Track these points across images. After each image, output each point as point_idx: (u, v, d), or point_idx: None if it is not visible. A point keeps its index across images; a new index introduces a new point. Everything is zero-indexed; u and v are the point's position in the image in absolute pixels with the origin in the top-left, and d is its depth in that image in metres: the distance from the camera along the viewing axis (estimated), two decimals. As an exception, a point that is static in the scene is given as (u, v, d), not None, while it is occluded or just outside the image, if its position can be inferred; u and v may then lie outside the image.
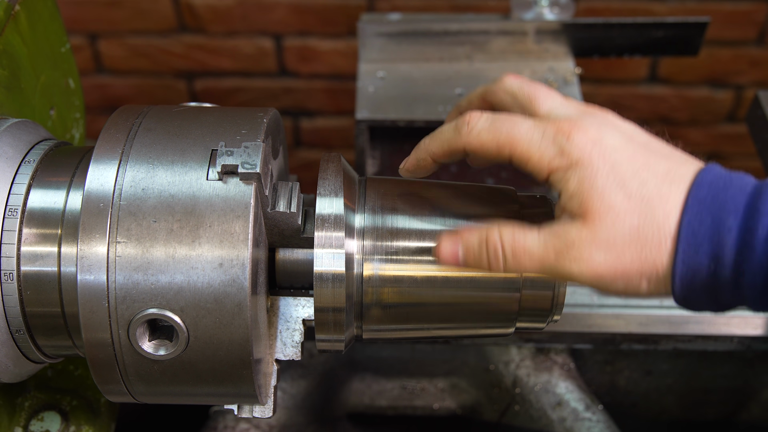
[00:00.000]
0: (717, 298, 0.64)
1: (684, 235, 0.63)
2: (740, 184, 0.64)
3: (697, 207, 0.63)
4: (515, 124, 0.69)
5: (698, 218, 0.63)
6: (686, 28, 1.29)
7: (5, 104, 0.82)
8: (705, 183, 0.64)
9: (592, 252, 0.65)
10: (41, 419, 0.87)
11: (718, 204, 0.63)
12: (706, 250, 0.63)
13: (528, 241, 0.67)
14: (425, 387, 1.21)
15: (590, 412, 1.12)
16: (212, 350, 0.68)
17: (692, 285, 0.64)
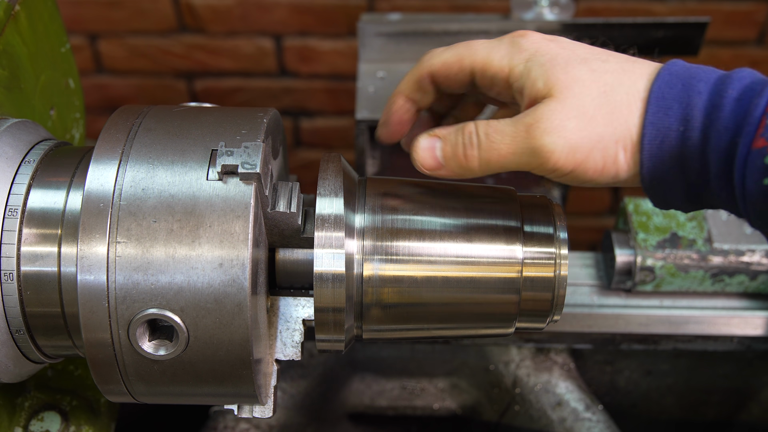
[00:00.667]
0: (684, 170, 0.64)
1: (654, 97, 0.64)
2: (706, 71, 0.65)
3: (668, 76, 0.65)
4: (473, 42, 0.73)
5: (668, 84, 0.64)
6: (686, 28, 1.29)
7: (5, 104, 0.82)
8: (674, 63, 0.67)
9: (563, 120, 0.65)
10: (41, 419, 0.87)
11: (689, 74, 0.65)
12: (675, 112, 0.63)
13: (501, 124, 0.68)
14: (425, 387, 1.21)
15: (590, 412, 1.12)
16: (212, 350, 0.68)
17: (661, 152, 0.64)
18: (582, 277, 1.14)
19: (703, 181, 0.64)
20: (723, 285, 1.09)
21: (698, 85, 0.64)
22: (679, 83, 0.64)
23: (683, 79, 0.64)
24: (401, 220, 0.75)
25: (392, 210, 0.76)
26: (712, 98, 0.63)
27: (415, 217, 0.76)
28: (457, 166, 0.72)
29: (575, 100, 0.65)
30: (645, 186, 0.67)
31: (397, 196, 0.77)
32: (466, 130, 0.70)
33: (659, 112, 0.64)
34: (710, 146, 0.62)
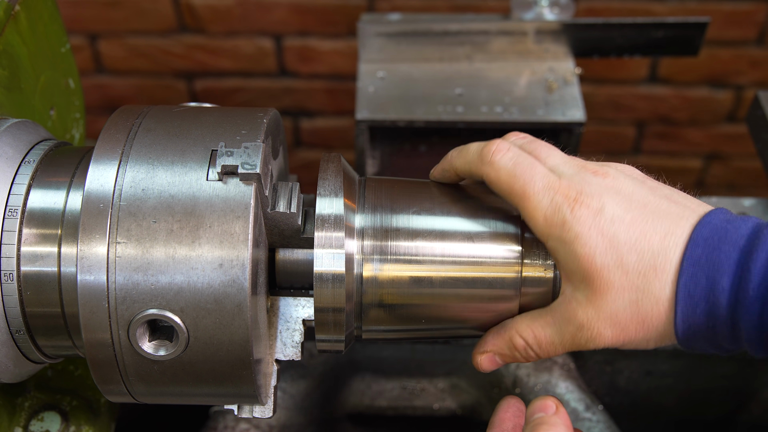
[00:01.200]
0: (720, 347, 0.68)
1: (681, 297, 0.66)
2: (734, 239, 0.66)
3: (692, 269, 0.66)
4: (532, 178, 0.71)
5: (693, 280, 0.66)
6: (686, 29, 1.29)
7: (5, 104, 0.82)
8: (700, 241, 0.67)
9: (600, 329, 0.70)
10: (41, 419, 0.87)
11: (712, 264, 0.65)
12: (702, 309, 0.66)
13: (547, 334, 0.74)
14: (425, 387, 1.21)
15: (590, 412, 1.12)
16: (212, 351, 0.68)
17: (695, 338, 0.68)
18: (582, 277, 1.13)
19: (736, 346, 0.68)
20: (723, 285, 1.09)
21: (722, 281, 0.65)
22: (703, 279, 0.66)
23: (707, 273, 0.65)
24: (401, 220, 0.75)
25: (392, 210, 0.76)
26: (734, 295, 0.64)
27: (415, 217, 0.76)
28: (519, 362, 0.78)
29: (609, 308, 0.69)
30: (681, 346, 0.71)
31: (397, 196, 0.77)
32: (518, 346, 0.75)
33: (687, 311, 0.66)
34: (742, 335, 0.65)
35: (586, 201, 0.69)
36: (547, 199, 0.70)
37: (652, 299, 0.68)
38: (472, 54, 1.31)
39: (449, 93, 1.26)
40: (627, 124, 2.28)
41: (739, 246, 0.65)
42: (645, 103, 2.21)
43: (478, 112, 1.23)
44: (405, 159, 1.31)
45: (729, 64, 2.11)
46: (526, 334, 0.74)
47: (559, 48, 1.31)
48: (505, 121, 1.22)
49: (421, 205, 0.77)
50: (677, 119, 2.25)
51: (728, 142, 2.30)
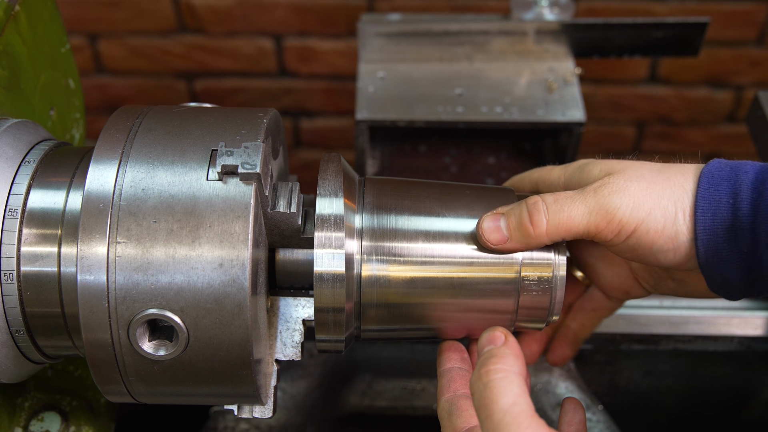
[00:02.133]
0: (737, 242, 0.67)
1: (704, 177, 0.69)
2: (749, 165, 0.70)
3: (716, 162, 0.71)
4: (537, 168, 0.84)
5: (717, 167, 0.70)
6: (686, 29, 1.29)
7: (5, 104, 0.82)
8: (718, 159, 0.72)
9: (626, 182, 0.71)
10: (41, 419, 0.87)
11: (736, 163, 0.70)
12: (725, 187, 0.68)
13: (566, 192, 0.73)
14: (425, 387, 1.21)
15: (590, 412, 1.12)
16: (212, 350, 0.68)
17: (713, 224, 0.68)
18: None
19: (756, 253, 0.67)
20: (723, 285, 1.09)
21: (744, 167, 0.69)
22: (728, 167, 0.70)
23: (731, 165, 0.70)
24: (401, 220, 0.75)
25: (392, 210, 0.76)
26: (758, 174, 0.68)
27: (414, 217, 0.76)
28: (523, 235, 0.73)
29: (634, 171, 0.71)
30: (701, 262, 0.70)
31: (397, 196, 0.77)
32: (530, 200, 0.74)
33: (710, 187, 0.69)
34: (759, 216, 0.66)
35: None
36: (561, 166, 0.80)
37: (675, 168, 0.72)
38: (472, 54, 1.31)
39: (449, 93, 1.26)
40: (627, 124, 2.28)
41: (759, 163, 0.70)
42: (645, 104, 2.21)
43: (478, 112, 1.23)
44: (405, 159, 1.31)
45: (729, 64, 2.11)
46: (546, 195, 0.74)
47: (559, 48, 1.31)
48: (505, 121, 1.22)
49: (421, 204, 0.77)
50: (677, 119, 2.25)
51: (728, 142, 2.30)
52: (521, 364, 0.68)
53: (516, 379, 0.65)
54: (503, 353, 0.68)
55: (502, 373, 0.65)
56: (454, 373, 0.75)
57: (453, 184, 0.81)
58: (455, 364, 0.77)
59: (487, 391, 0.64)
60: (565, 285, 0.76)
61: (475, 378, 0.67)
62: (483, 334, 0.72)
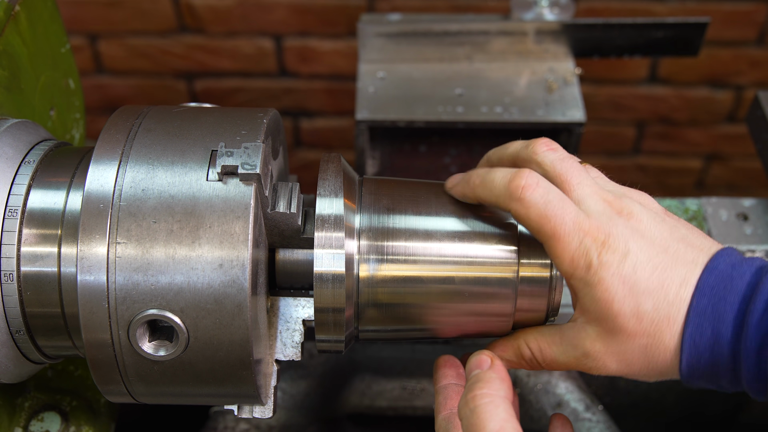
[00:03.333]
0: (722, 387, 0.69)
1: (687, 346, 0.68)
2: (738, 286, 0.67)
3: (698, 319, 0.67)
4: (563, 219, 0.70)
5: (699, 330, 0.67)
6: (686, 29, 1.29)
7: (5, 104, 0.82)
8: (707, 290, 0.68)
9: (606, 362, 0.71)
10: (41, 419, 0.87)
11: (717, 316, 0.67)
12: (707, 359, 0.67)
13: (553, 352, 0.74)
14: (425, 387, 1.21)
15: (590, 412, 1.12)
16: (212, 351, 0.68)
17: (698, 381, 0.69)
18: (582, 277, 1.13)
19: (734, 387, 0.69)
20: (723, 285, 1.09)
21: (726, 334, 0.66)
22: (709, 329, 0.67)
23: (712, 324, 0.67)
24: (401, 220, 0.75)
25: (392, 210, 0.76)
26: (734, 347, 0.66)
27: (415, 217, 0.76)
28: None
29: (618, 347, 0.70)
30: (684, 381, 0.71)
31: (397, 196, 0.77)
32: (525, 357, 0.76)
33: (692, 360, 0.67)
34: (744, 384, 0.66)
35: (613, 245, 0.69)
36: (576, 241, 0.69)
37: (662, 347, 0.69)
38: (472, 54, 1.31)
39: (449, 93, 1.26)
40: (627, 124, 2.28)
41: (741, 295, 0.66)
42: (645, 104, 2.21)
43: (478, 112, 1.23)
44: (405, 159, 1.31)
45: (729, 64, 2.11)
46: (534, 345, 0.75)
47: (559, 48, 1.31)
48: (505, 122, 1.22)
49: (418, 204, 0.77)
50: (677, 119, 2.25)
51: (728, 143, 2.30)
52: (507, 387, 0.69)
53: (502, 403, 0.66)
54: (489, 377, 0.70)
55: (488, 398, 0.67)
56: (450, 390, 0.76)
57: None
58: (451, 380, 0.77)
59: (474, 416, 0.66)
60: (563, 285, 0.76)
61: (462, 404, 0.69)
62: (470, 357, 0.74)
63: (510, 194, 0.71)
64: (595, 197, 0.72)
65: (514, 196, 0.71)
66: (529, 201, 0.70)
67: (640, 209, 0.72)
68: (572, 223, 0.70)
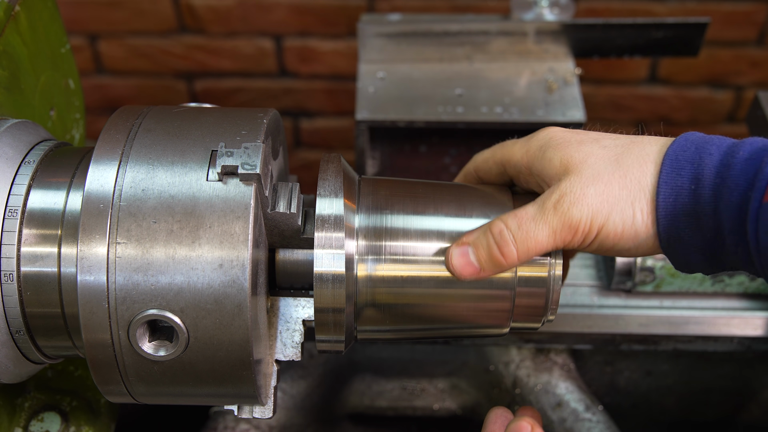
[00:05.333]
0: (699, 228, 0.67)
1: (668, 159, 0.68)
2: (718, 142, 0.69)
3: (683, 141, 0.69)
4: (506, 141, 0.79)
5: (683, 147, 0.68)
6: (686, 29, 1.29)
7: (5, 105, 0.82)
8: (691, 133, 0.70)
9: (583, 188, 0.70)
10: (41, 420, 0.87)
11: (704, 140, 0.68)
12: (687, 171, 0.67)
13: (527, 211, 0.71)
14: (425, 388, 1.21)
15: (590, 412, 1.12)
16: (212, 351, 0.68)
17: (675, 210, 0.67)
18: (582, 277, 1.14)
19: (718, 238, 0.67)
20: (723, 285, 1.09)
21: (710, 148, 0.67)
22: (693, 146, 0.68)
23: (697, 144, 0.68)
24: (401, 220, 0.75)
25: (392, 210, 0.76)
26: (723, 158, 0.66)
27: (415, 217, 0.76)
28: (496, 265, 0.72)
29: (590, 169, 0.70)
30: (663, 246, 0.70)
31: (397, 196, 0.77)
32: (495, 229, 0.72)
33: (672, 172, 0.68)
34: (722, 203, 0.65)
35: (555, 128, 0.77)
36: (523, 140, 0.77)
37: (633, 155, 0.70)
38: (472, 54, 1.31)
39: (449, 93, 1.26)
40: (627, 124, 2.28)
41: (728, 140, 0.68)
42: (645, 104, 2.21)
43: (478, 112, 1.23)
44: (405, 159, 1.31)
45: (729, 64, 2.11)
46: (506, 216, 0.72)
47: (559, 48, 1.31)
48: (505, 122, 1.22)
49: (417, 205, 0.77)
50: (677, 119, 2.25)
51: (728, 143, 2.30)
52: None
53: None
54: None
55: None
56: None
57: (450, 184, 0.81)
58: None
59: None
60: (561, 284, 0.76)
61: None
62: (510, 424, 0.72)
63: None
64: None
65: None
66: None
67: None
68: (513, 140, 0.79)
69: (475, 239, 0.73)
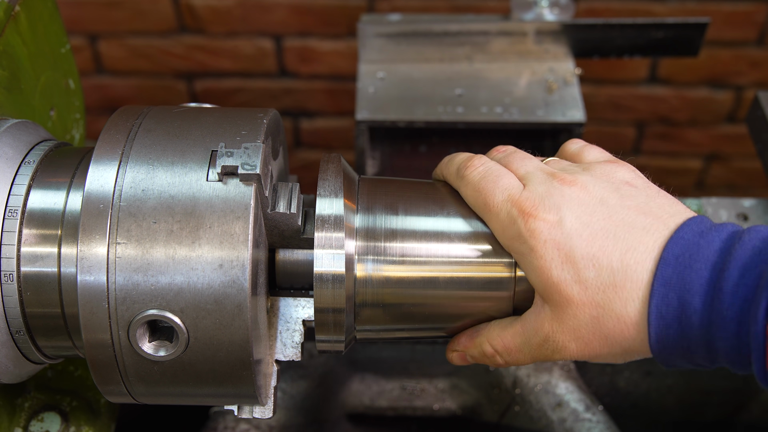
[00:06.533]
0: (699, 364, 0.66)
1: (653, 318, 0.64)
2: (707, 254, 0.62)
3: (663, 289, 0.63)
4: (493, 191, 0.71)
5: (665, 301, 0.63)
6: (686, 29, 1.29)
7: (5, 105, 0.82)
8: (671, 259, 0.64)
9: (564, 342, 0.69)
10: (41, 420, 0.87)
11: (683, 284, 0.62)
12: (675, 330, 0.63)
13: (515, 343, 0.73)
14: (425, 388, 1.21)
15: (590, 412, 1.12)
16: (212, 351, 0.68)
17: (671, 357, 0.65)
18: (582, 277, 1.13)
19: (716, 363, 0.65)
20: (723, 285, 1.09)
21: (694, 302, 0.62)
22: (675, 299, 0.63)
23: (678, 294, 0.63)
24: (401, 220, 0.75)
25: (392, 210, 0.76)
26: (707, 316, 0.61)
27: (413, 217, 0.76)
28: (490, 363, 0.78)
29: (570, 322, 0.68)
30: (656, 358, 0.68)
31: (397, 196, 0.77)
32: (487, 353, 0.75)
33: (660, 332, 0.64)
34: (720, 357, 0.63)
35: (542, 214, 0.67)
36: (504, 212, 0.70)
37: (614, 316, 0.65)
38: (472, 54, 1.31)
39: (449, 93, 1.26)
40: (627, 124, 2.28)
41: (711, 262, 0.62)
42: (645, 104, 2.21)
43: (478, 112, 1.23)
44: (405, 159, 1.31)
45: (729, 64, 2.11)
46: (496, 342, 0.75)
47: (559, 48, 1.31)
48: (505, 122, 1.22)
49: (417, 205, 0.77)
50: (677, 120, 2.25)
51: (728, 143, 2.30)
52: None
53: None
54: None
55: None
56: None
57: (447, 184, 0.81)
58: None
59: None
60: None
61: None
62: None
63: (458, 173, 0.75)
64: (538, 172, 0.71)
65: (459, 175, 0.75)
66: (468, 178, 0.73)
67: (589, 179, 0.70)
68: (503, 195, 0.70)
69: (472, 353, 0.77)
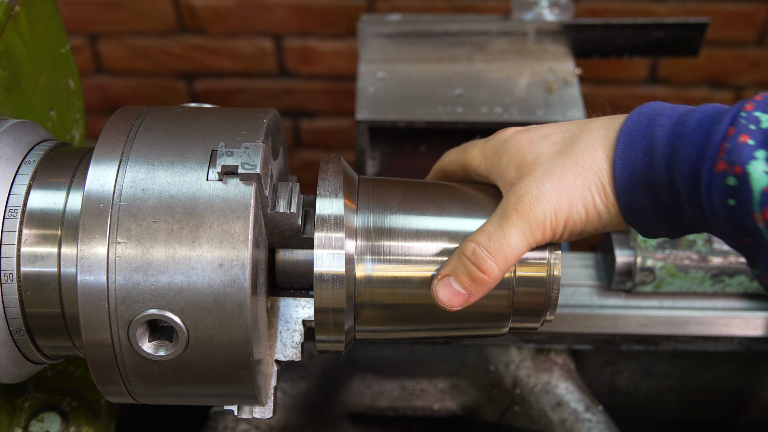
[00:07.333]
0: (658, 198, 0.69)
1: (622, 135, 0.70)
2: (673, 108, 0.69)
3: (636, 116, 0.70)
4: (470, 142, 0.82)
5: (635, 122, 0.70)
6: (686, 29, 1.29)
7: (5, 105, 0.82)
8: (648, 104, 0.71)
9: (539, 185, 0.71)
10: (41, 420, 0.87)
11: (656, 112, 0.70)
12: (640, 145, 0.68)
13: (492, 223, 0.73)
14: (425, 388, 1.21)
15: (590, 412, 1.12)
16: (212, 351, 0.68)
17: (632, 183, 0.69)
18: (582, 277, 1.14)
19: (677, 205, 0.68)
20: (723, 286, 1.09)
21: (661, 119, 0.68)
22: (645, 120, 0.69)
23: (649, 117, 0.69)
24: (400, 220, 0.75)
25: (392, 210, 0.76)
26: (673, 128, 0.67)
27: (413, 217, 0.76)
28: (481, 285, 0.72)
29: (542, 167, 0.72)
30: (626, 218, 0.72)
31: (396, 196, 0.77)
32: (467, 251, 0.72)
33: (626, 147, 0.69)
34: (676, 173, 0.67)
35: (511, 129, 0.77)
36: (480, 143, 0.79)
37: (581, 143, 0.71)
38: (472, 54, 1.31)
39: (449, 93, 1.26)
40: (627, 124, 2.27)
41: (680, 109, 0.69)
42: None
43: (478, 112, 1.23)
44: (405, 159, 1.31)
45: (729, 64, 2.11)
46: (474, 235, 0.73)
47: (559, 48, 1.31)
48: (505, 122, 1.22)
49: (418, 205, 0.77)
50: (677, 120, 2.24)
51: (728, 143, 2.30)
52: None
53: None
54: None
55: None
56: None
57: (449, 184, 0.81)
58: None
59: None
60: (560, 284, 0.76)
61: None
62: None
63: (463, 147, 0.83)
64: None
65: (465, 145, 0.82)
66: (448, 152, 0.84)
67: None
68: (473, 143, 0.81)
69: (453, 267, 0.73)
